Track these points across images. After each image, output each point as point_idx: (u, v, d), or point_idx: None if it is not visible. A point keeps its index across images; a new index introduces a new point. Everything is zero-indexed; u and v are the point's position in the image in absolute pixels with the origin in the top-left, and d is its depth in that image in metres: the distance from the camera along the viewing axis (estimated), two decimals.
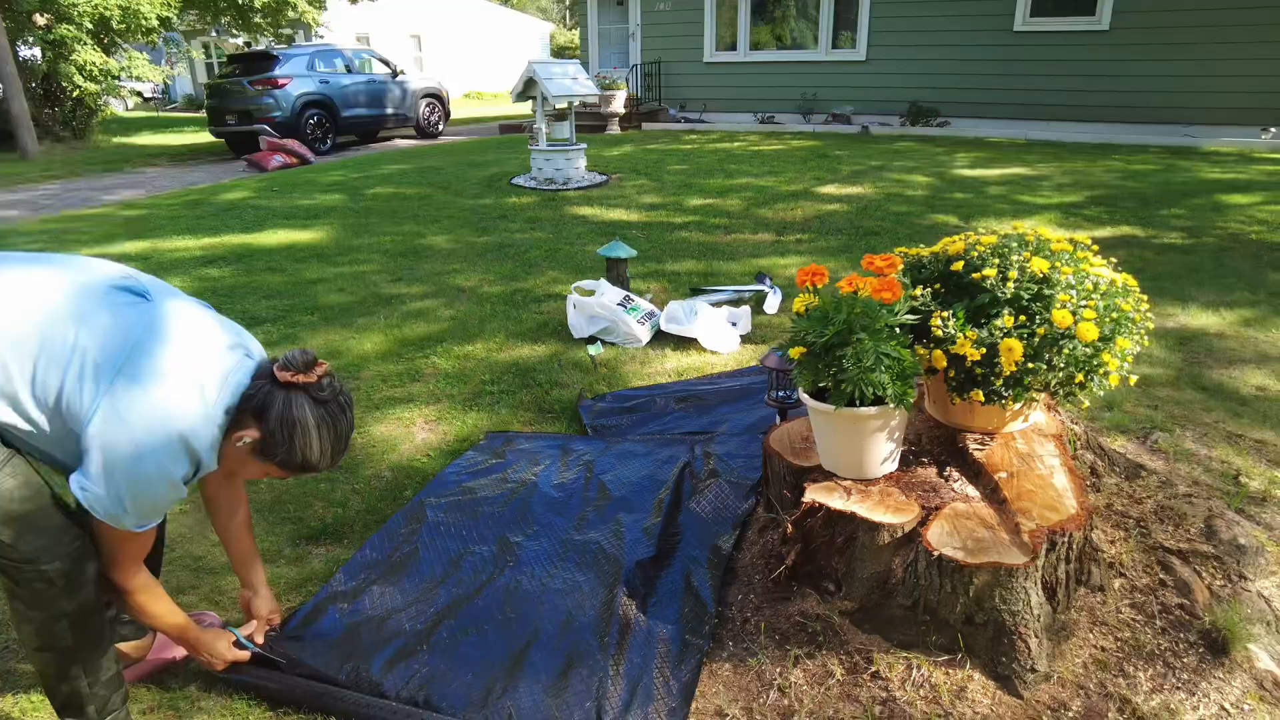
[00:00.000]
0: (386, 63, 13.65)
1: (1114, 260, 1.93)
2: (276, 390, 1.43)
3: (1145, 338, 1.81)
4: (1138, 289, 1.85)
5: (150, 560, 1.63)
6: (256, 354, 1.56)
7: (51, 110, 13.73)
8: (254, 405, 1.43)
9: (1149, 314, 1.83)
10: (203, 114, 14.64)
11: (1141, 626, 1.76)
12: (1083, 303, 1.72)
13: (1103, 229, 5.58)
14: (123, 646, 1.76)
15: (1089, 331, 1.64)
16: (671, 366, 3.52)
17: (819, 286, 1.83)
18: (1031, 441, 1.96)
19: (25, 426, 1.34)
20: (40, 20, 13.01)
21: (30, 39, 13.09)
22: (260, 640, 1.82)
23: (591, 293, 3.91)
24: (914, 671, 1.66)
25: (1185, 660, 1.68)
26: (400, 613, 1.95)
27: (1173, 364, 3.29)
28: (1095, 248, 1.93)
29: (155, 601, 1.57)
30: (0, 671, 1.86)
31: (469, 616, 1.93)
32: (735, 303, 4.27)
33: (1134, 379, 1.82)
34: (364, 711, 1.67)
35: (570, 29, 39.83)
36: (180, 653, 1.87)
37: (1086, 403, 1.81)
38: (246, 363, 1.48)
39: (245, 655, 1.76)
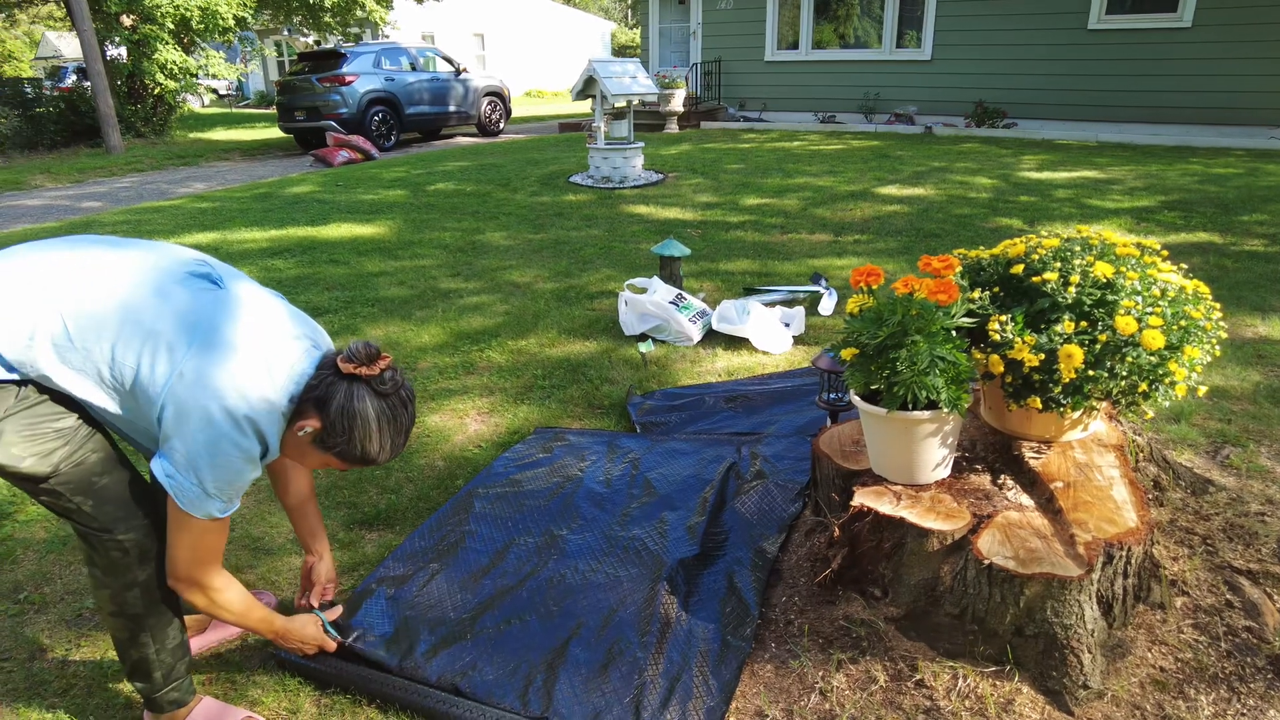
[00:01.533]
0: (450, 61, 13.89)
1: (1184, 266, 1.86)
2: (339, 381, 1.44)
3: (1217, 347, 1.73)
4: (1210, 296, 1.78)
5: None
6: (324, 345, 1.57)
7: (134, 107, 14.35)
8: (316, 395, 1.44)
9: (1222, 323, 1.76)
10: (273, 110, 15.12)
11: (1205, 648, 1.69)
12: (1149, 309, 1.66)
13: (1177, 235, 5.36)
14: (188, 619, 1.84)
15: (1154, 339, 1.58)
16: (722, 366, 3.50)
17: (874, 287, 1.81)
18: (1091, 451, 1.89)
19: (103, 404, 1.40)
20: (127, 21, 13.61)
21: (117, 39, 13.70)
22: (316, 603, 1.87)
23: (644, 290, 3.92)
24: (960, 681, 1.62)
25: (1252, 685, 1.60)
26: (446, 600, 1.99)
27: (1249, 376, 3.14)
28: (1164, 253, 1.86)
29: (239, 600, 1.58)
30: (80, 634, 1.96)
31: (513, 607, 1.96)
32: (789, 303, 4.23)
33: (1203, 390, 1.75)
34: (407, 697, 1.71)
35: (631, 28, 39.94)
36: (235, 631, 1.94)
37: (1151, 413, 1.74)
38: (313, 352, 1.50)
39: (332, 645, 1.77)
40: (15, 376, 1.35)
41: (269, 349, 1.43)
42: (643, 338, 3.81)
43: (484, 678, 1.74)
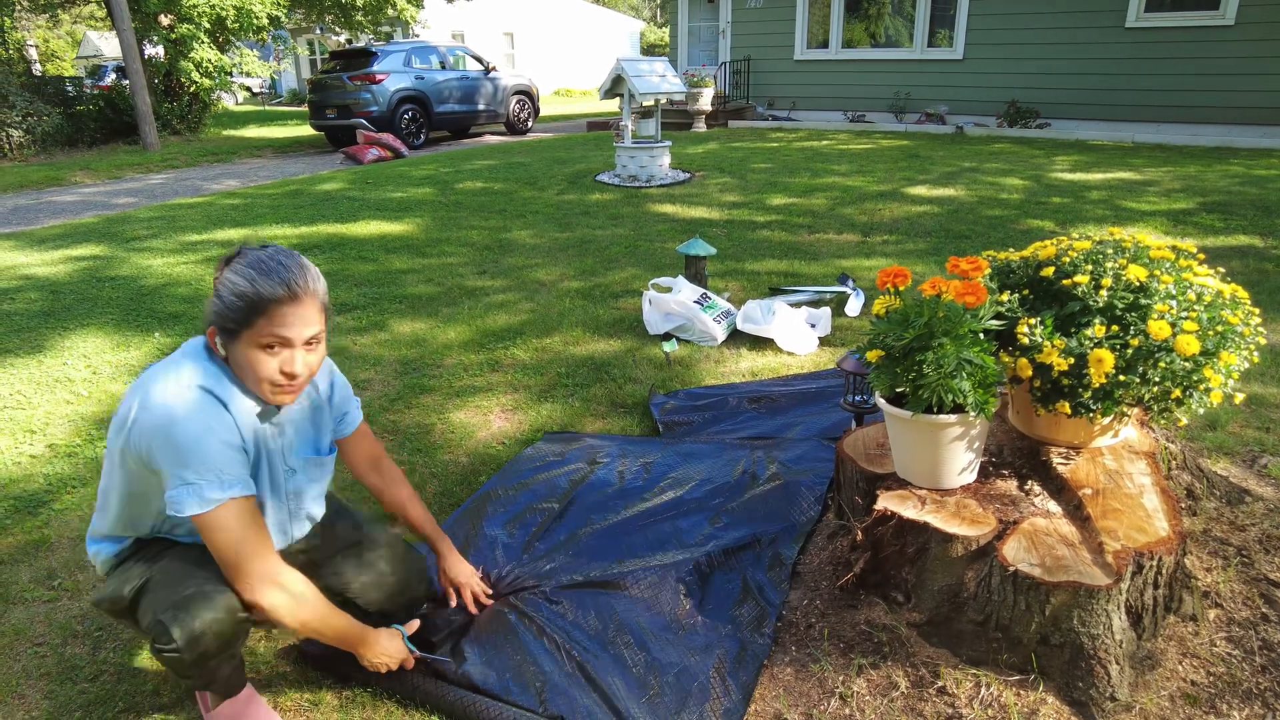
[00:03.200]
0: (479, 59, 13.97)
1: (1222, 270, 1.82)
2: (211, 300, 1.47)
3: (1255, 353, 1.69)
4: (1248, 301, 1.74)
5: None
6: None
7: (171, 104, 14.62)
8: (210, 323, 1.47)
9: (1261, 328, 1.71)
10: (305, 108, 15.31)
11: (1238, 662, 1.65)
12: (1183, 314, 1.62)
13: (1216, 238, 5.24)
14: None
15: (1189, 345, 1.55)
16: (746, 366, 3.49)
17: (901, 289, 1.79)
18: (1121, 458, 1.86)
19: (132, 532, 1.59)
20: (165, 20, 13.86)
21: (154, 38, 13.96)
22: (475, 610, 1.91)
23: (669, 290, 3.91)
24: (983, 690, 1.60)
25: None
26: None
27: None
28: (1201, 256, 1.81)
29: (320, 600, 1.54)
30: (111, 621, 2.00)
31: (530, 606, 1.96)
32: (815, 304, 4.20)
33: (1240, 397, 1.71)
34: (426, 693, 1.72)
35: (660, 27, 39.94)
36: None
37: (1184, 420, 1.70)
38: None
39: (411, 661, 1.72)
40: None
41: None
42: (667, 337, 3.81)
43: (499, 675, 1.74)
